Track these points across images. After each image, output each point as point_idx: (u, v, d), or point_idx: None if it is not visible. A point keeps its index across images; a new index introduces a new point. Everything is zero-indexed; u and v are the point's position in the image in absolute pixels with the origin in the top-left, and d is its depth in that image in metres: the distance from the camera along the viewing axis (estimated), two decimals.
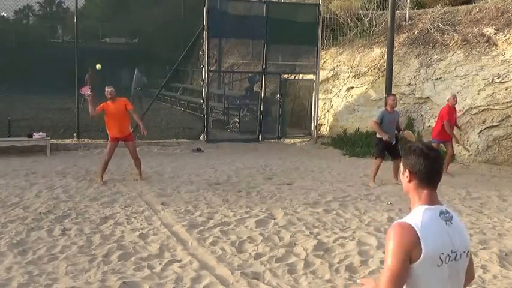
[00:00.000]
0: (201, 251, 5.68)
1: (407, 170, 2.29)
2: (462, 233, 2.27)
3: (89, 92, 9.06)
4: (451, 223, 2.22)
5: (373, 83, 14.65)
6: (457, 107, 11.15)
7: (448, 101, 10.53)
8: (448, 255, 2.17)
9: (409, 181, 2.28)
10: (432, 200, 2.25)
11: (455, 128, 10.56)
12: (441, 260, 2.15)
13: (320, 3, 14.96)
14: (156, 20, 14.94)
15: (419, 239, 2.11)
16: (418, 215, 2.19)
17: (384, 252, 2.19)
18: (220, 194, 8.31)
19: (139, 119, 9.41)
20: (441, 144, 10.32)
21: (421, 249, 2.11)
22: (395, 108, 9.52)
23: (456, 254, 2.20)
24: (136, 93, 14.94)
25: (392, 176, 9.35)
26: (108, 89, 8.99)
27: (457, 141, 10.54)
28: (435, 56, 13.37)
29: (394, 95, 10.18)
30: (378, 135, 9.35)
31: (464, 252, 2.25)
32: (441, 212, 2.22)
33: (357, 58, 15.24)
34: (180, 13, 15.29)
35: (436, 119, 10.93)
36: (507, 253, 5.72)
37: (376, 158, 9.42)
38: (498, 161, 11.68)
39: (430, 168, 2.24)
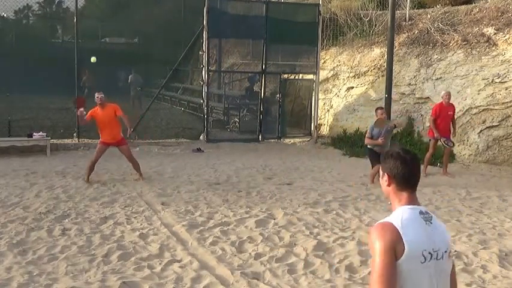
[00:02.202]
0: (201, 251, 5.68)
1: (385, 174, 2.35)
2: (442, 233, 2.31)
3: (82, 109, 9.05)
4: (431, 223, 2.27)
5: (373, 83, 14.65)
6: (457, 107, 11.14)
7: (442, 97, 10.55)
8: (430, 253, 2.21)
9: (388, 185, 2.34)
10: (412, 201, 2.30)
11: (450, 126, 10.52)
12: (424, 256, 2.19)
13: (320, 3, 14.96)
14: (156, 20, 14.93)
15: (401, 236, 2.16)
16: (398, 214, 2.25)
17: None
18: (220, 194, 8.31)
19: (129, 124, 9.23)
20: (451, 144, 10.31)
21: (403, 246, 2.15)
22: (387, 120, 9.53)
23: (437, 253, 2.24)
24: (136, 93, 14.95)
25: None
26: (98, 95, 8.97)
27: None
28: (435, 56, 13.37)
29: (382, 108, 9.93)
30: (368, 146, 9.40)
31: (446, 251, 2.29)
32: (420, 212, 2.27)
33: (357, 58, 15.24)
34: (180, 13, 15.29)
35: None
36: (507, 253, 5.72)
37: (372, 167, 9.44)
38: (498, 161, 11.68)
39: (407, 171, 2.29)
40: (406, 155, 2.33)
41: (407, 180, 2.30)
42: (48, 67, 12.84)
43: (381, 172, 2.40)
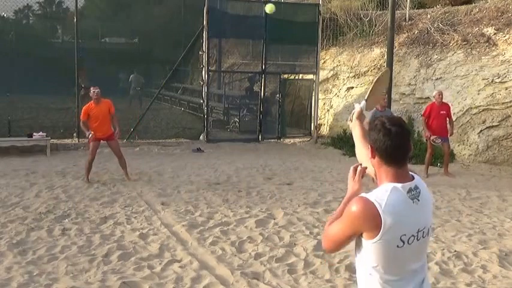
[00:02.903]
0: (201, 251, 5.68)
1: (369, 146, 2.16)
2: (428, 207, 2.18)
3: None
4: (418, 200, 2.10)
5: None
6: (457, 107, 11.11)
7: (434, 97, 10.55)
8: (413, 235, 2.09)
9: (372, 157, 2.15)
10: (400, 178, 2.10)
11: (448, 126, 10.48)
12: (402, 241, 2.07)
13: (320, 3, 14.97)
14: (156, 20, 14.93)
15: (380, 220, 2.02)
16: (384, 193, 2.07)
17: None
18: (220, 194, 8.31)
19: (117, 124, 9.26)
20: (439, 141, 10.25)
21: (380, 230, 2.03)
22: (387, 108, 9.49)
23: (423, 232, 2.13)
24: (136, 93, 14.95)
25: None
26: (94, 90, 8.91)
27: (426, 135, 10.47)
28: (435, 56, 13.37)
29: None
30: None
31: (431, 226, 2.20)
32: (409, 190, 2.09)
33: (357, 58, 15.24)
34: (180, 13, 15.28)
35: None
36: (507, 253, 5.72)
37: None
38: (498, 161, 11.68)
39: (391, 144, 2.07)
40: (392, 126, 2.08)
41: (391, 155, 2.07)
42: (48, 67, 12.84)
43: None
